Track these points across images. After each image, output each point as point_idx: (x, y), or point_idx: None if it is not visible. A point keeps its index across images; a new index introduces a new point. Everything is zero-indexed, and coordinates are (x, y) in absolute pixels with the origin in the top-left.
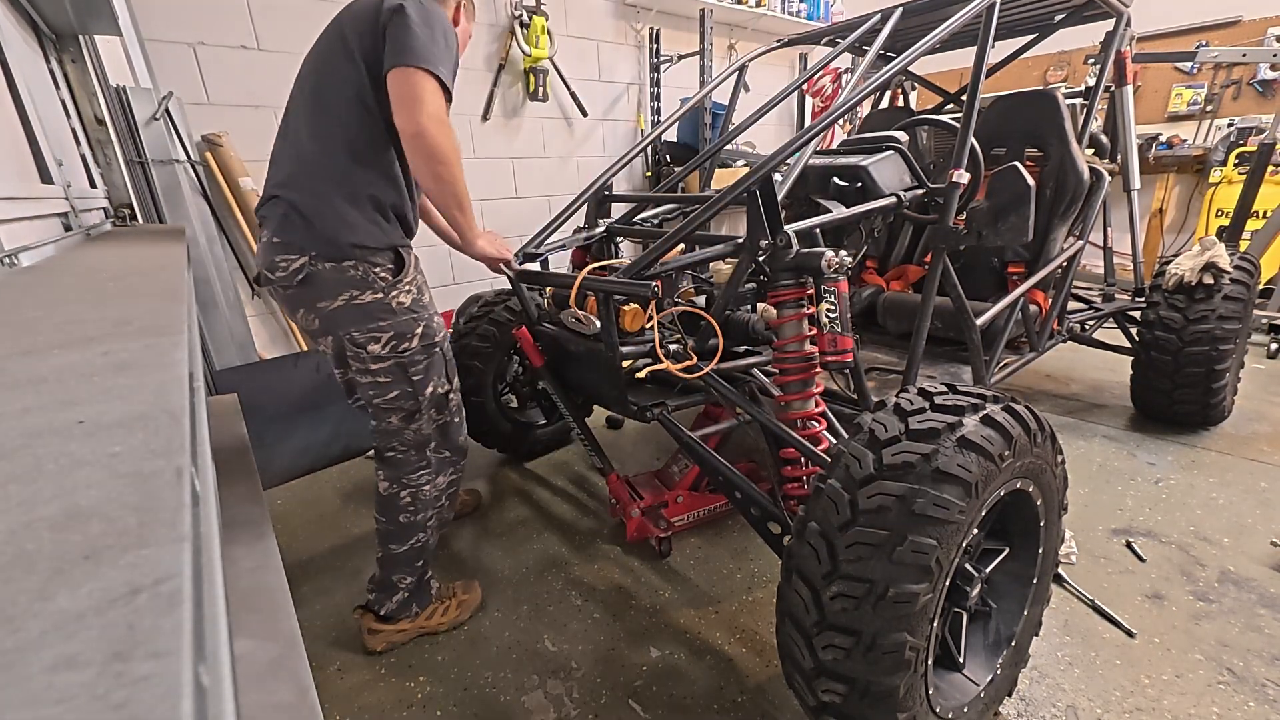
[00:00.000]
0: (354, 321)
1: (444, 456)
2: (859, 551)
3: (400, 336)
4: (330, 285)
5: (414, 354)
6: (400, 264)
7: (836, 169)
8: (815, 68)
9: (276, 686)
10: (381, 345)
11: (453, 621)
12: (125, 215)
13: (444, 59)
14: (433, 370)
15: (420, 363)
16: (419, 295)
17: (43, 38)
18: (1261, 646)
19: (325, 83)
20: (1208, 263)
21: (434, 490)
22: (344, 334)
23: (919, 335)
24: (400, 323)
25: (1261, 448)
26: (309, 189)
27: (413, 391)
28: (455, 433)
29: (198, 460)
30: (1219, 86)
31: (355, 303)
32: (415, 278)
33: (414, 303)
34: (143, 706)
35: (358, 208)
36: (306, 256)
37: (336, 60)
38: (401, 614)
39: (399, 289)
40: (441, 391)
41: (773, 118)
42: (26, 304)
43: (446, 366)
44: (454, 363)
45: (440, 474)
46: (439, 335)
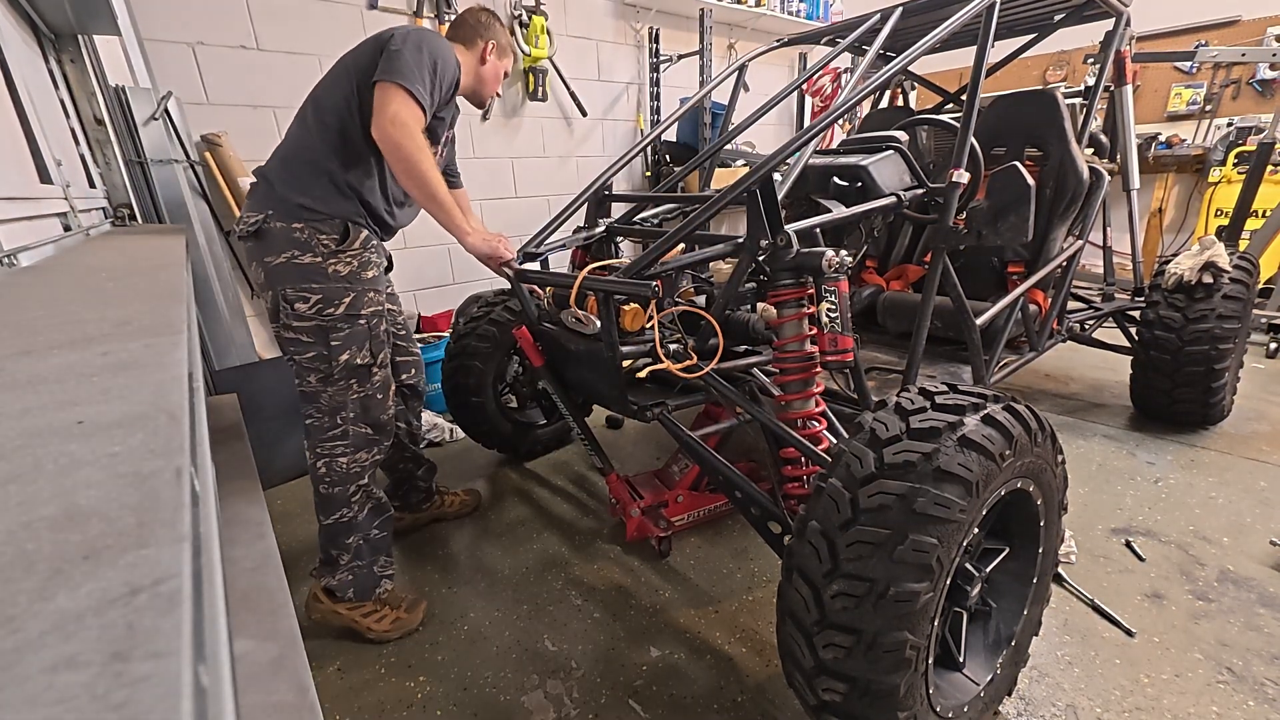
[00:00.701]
0: (289, 279)
1: (363, 432)
2: (860, 550)
3: (327, 301)
4: (277, 242)
5: (336, 320)
6: (345, 236)
7: (836, 169)
8: (815, 67)
9: (276, 686)
10: (309, 305)
11: (380, 635)
12: (124, 215)
13: (422, 79)
14: (353, 340)
15: (342, 330)
16: (360, 270)
17: (42, 38)
18: (1261, 646)
19: (324, 94)
20: (1207, 262)
21: (352, 464)
22: (279, 289)
23: (919, 335)
24: (331, 289)
25: (1261, 447)
26: (280, 162)
27: (328, 355)
28: (376, 409)
29: (197, 460)
30: (1218, 86)
31: (294, 261)
32: (362, 255)
33: (350, 274)
34: (142, 706)
35: (314, 177)
36: (264, 214)
37: (338, 78)
38: (341, 594)
39: (339, 258)
40: (360, 363)
41: (772, 117)
42: (26, 304)
43: (370, 342)
44: (383, 342)
45: (360, 449)
46: (367, 310)
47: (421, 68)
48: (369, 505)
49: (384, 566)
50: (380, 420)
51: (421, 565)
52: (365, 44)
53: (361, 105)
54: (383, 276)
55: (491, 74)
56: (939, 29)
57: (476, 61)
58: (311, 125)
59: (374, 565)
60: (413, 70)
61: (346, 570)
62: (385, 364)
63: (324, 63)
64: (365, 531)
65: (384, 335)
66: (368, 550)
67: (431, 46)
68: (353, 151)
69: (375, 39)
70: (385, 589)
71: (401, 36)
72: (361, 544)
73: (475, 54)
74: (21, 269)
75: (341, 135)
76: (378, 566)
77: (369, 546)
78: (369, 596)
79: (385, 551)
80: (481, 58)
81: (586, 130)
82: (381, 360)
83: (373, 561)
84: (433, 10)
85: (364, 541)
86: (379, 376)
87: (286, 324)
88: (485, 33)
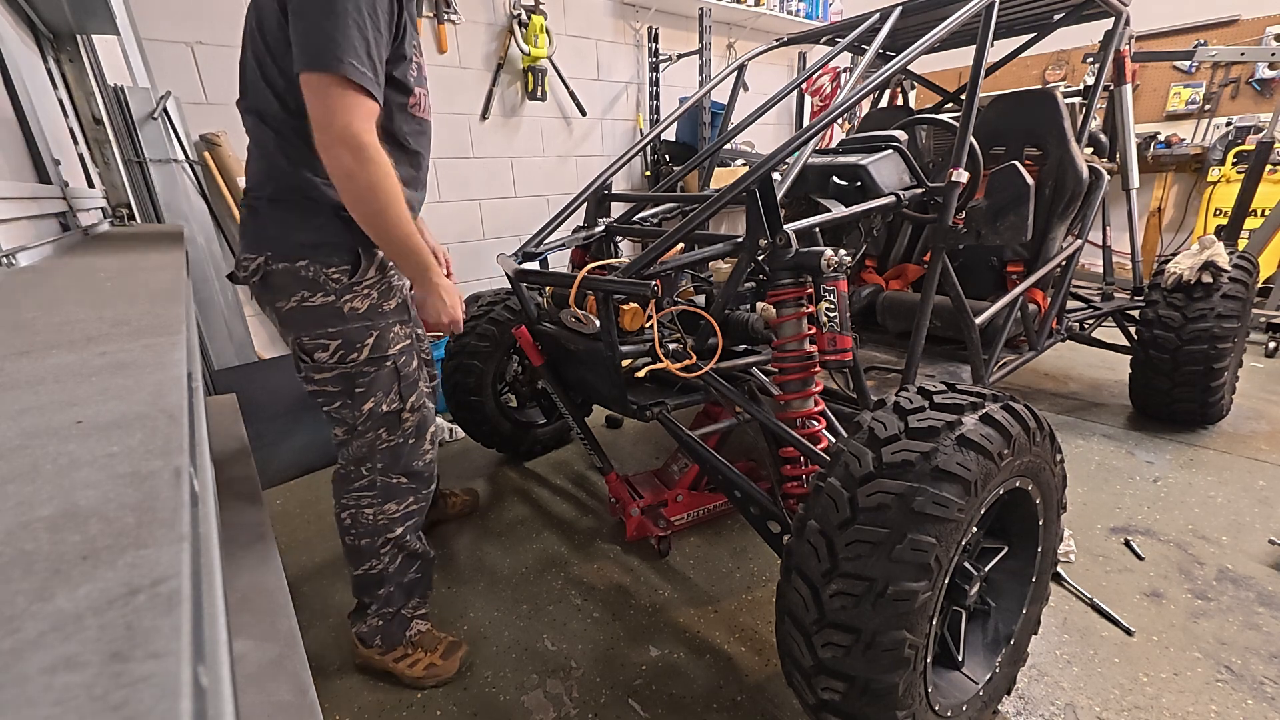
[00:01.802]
0: (303, 325)
1: (393, 483)
2: (858, 549)
3: (349, 345)
4: (283, 285)
5: (361, 365)
6: (358, 264)
7: (836, 168)
8: (814, 67)
9: (276, 686)
10: (329, 354)
11: (414, 680)
12: (123, 215)
13: (352, 43)
14: (378, 386)
15: (367, 375)
16: (381, 301)
17: (40, 37)
18: (1260, 644)
19: (257, 98)
20: (1206, 261)
21: (379, 516)
22: (295, 338)
23: (918, 334)
24: (350, 330)
25: (1260, 446)
26: (260, 188)
27: (352, 404)
28: (409, 457)
29: (196, 460)
30: (1217, 85)
31: (306, 305)
32: (382, 283)
33: (370, 309)
34: (142, 707)
35: (303, 204)
36: (262, 255)
37: (256, 73)
38: (369, 642)
39: (354, 292)
40: (388, 410)
41: (772, 117)
42: (24, 304)
43: (400, 384)
44: (415, 382)
45: (389, 501)
46: (394, 348)
47: (343, 20)
48: (401, 556)
49: (416, 607)
50: (415, 469)
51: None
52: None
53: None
54: (408, 302)
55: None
56: (938, 28)
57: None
58: (269, 141)
59: (403, 609)
60: (336, 34)
61: (375, 617)
62: (419, 406)
63: None
64: (399, 579)
65: (416, 373)
66: (400, 595)
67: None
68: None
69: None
70: (417, 630)
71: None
72: (393, 591)
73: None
74: (20, 269)
75: (307, 143)
76: (407, 609)
77: (402, 591)
78: (398, 642)
79: (420, 593)
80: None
81: (586, 130)
82: (413, 404)
83: (403, 605)
84: (431, 9)
85: (396, 588)
86: (411, 421)
87: (309, 376)
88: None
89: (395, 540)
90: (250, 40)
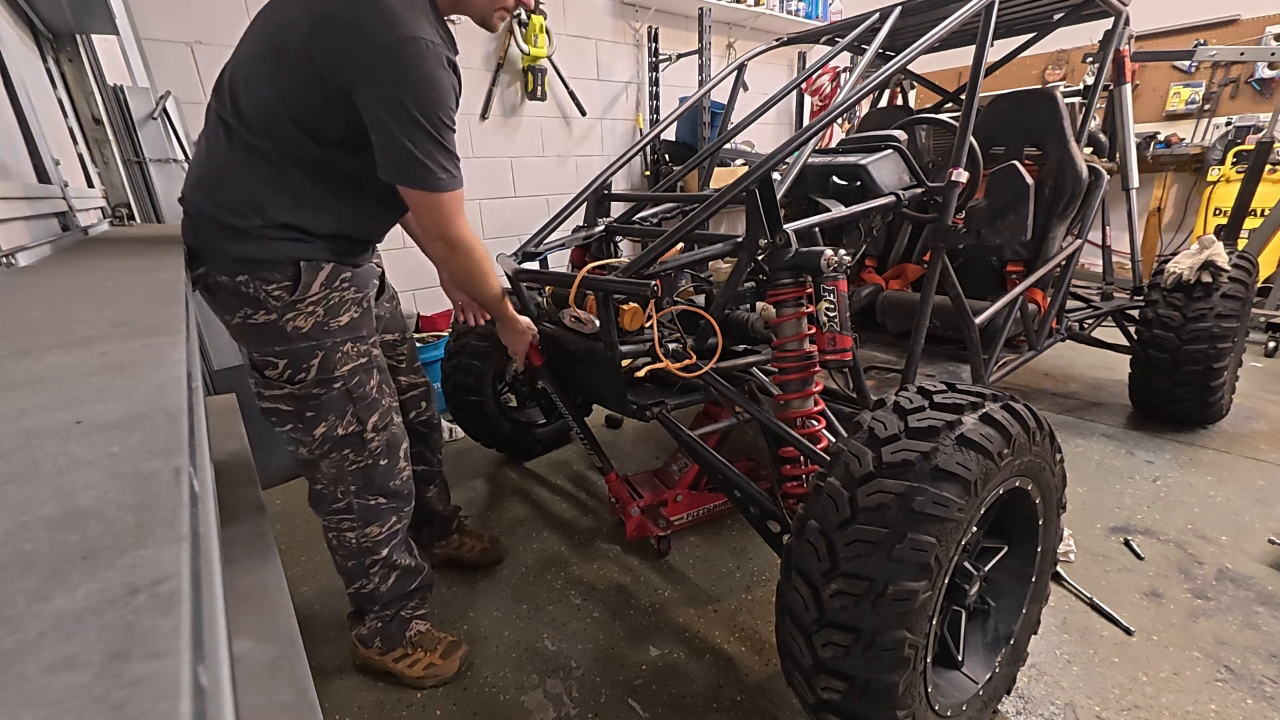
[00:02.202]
0: (250, 342)
1: (370, 504)
2: (858, 549)
3: (295, 365)
4: (226, 299)
5: (310, 386)
6: (298, 280)
7: (835, 168)
8: (814, 66)
9: (276, 686)
10: (278, 372)
11: (414, 681)
12: (123, 215)
13: (442, 159)
14: (328, 409)
15: (318, 397)
16: (328, 319)
17: (39, 37)
18: (1259, 644)
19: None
20: (1206, 261)
21: (362, 540)
22: (247, 353)
23: (918, 334)
24: (295, 350)
25: (1259, 446)
26: (203, 196)
27: (305, 427)
28: (383, 477)
29: (196, 460)
30: (1217, 85)
31: (250, 322)
32: (328, 298)
33: (315, 328)
34: (141, 707)
35: (245, 214)
36: (205, 268)
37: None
38: (369, 643)
39: (297, 310)
40: (345, 433)
41: (771, 117)
42: (24, 304)
43: (354, 405)
44: (376, 400)
45: (370, 524)
46: (344, 368)
47: (431, 139)
48: (394, 575)
49: (415, 609)
50: (391, 488)
51: None
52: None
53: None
54: (368, 313)
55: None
56: (938, 28)
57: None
58: (237, 148)
59: (402, 611)
60: (428, 155)
61: (375, 619)
62: (384, 425)
63: None
64: (395, 594)
65: (376, 390)
66: (397, 603)
67: (418, 92)
68: (303, 183)
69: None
70: (417, 631)
71: (377, 84)
72: (389, 600)
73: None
74: (19, 269)
75: (285, 160)
76: (406, 611)
77: (399, 599)
78: (398, 643)
79: (419, 597)
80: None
81: (585, 129)
82: (375, 424)
83: (401, 608)
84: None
85: (393, 598)
86: (377, 441)
87: (260, 393)
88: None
89: (383, 561)
90: (269, 63)
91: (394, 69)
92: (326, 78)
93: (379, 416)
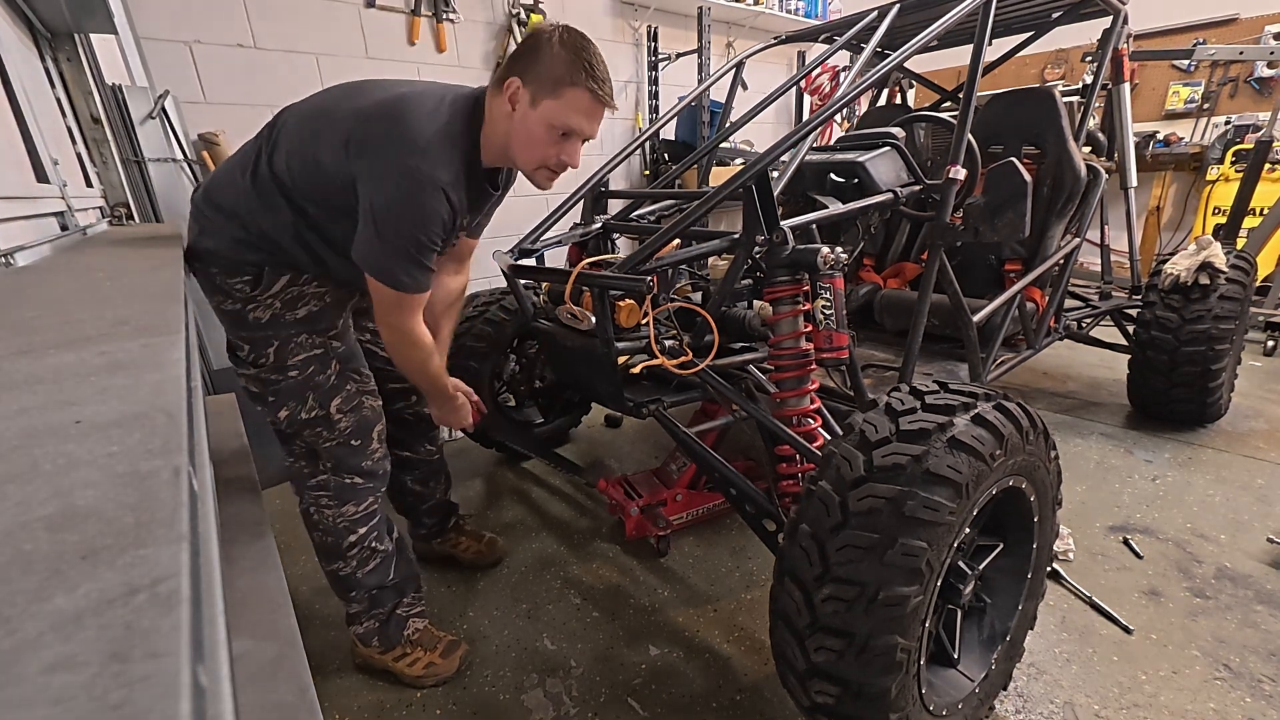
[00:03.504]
0: (225, 325)
1: (345, 483)
2: (850, 554)
3: (256, 351)
4: (206, 288)
5: (269, 373)
6: (258, 281)
7: (833, 165)
8: (812, 64)
9: (276, 685)
10: (245, 354)
11: (414, 679)
12: (122, 215)
13: (408, 266)
14: (286, 395)
15: (276, 383)
16: (285, 311)
17: (38, 36)
18: (1258, 642)
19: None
20: (1204, 262)
21: (338, 519)
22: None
23: (915, 332)
24: (255, 338)
25: (1258, 445)
26: (203, 194)
27: (269, 409)
28: (356, 457)
29: (195, 460)
30: (1216, 84)
31: (223, 308)
32: (284, 291)
33: (272, 319)
34: (141, 707)
35: (224, 222)
36: (197, 260)
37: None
38: (367, 642)
39: (257, 302)
40: (309, 417)
41: (770, 116)
42: (23, 304)
43: (314, 394)
44: (333, 387)
45: (346, 503)
46: (296, 358)
47: (389, 242)
48: (374, 562)
49: (409, 605)
50: (364, 468)
51: (419, 563)
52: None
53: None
54: (332, 308)
55: (522, 133)
56: (936, 26)
57: (502, 110)
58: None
59: (397, 609)
60: (383, 258)
61: (370, 618)
62: (353, 408)
63: (321, 61)
64: (375, 584)
65: (337, 378)
66: (390, 594)
67: (400, 196)
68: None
69: (348, 141)
70: (415, 629)
71: (375, 193)
72: (375, 593)
73: (502, 99)
74: (18, 269)
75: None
76: (401, 608)
77: (386, 592)
78: (397, 641)
79: (407, 592)
80: (509, 102)
81: None
82: (340, 406)
83: (395, 605)
84: (430, 9)
85: (376, 591)
86: (346, 422)
87: (235, 371)
88: (518, 65)
89: (359, 543)
90: (302, 145)
91: (390, 187)
92: (347, 165)
93: (343, 400)
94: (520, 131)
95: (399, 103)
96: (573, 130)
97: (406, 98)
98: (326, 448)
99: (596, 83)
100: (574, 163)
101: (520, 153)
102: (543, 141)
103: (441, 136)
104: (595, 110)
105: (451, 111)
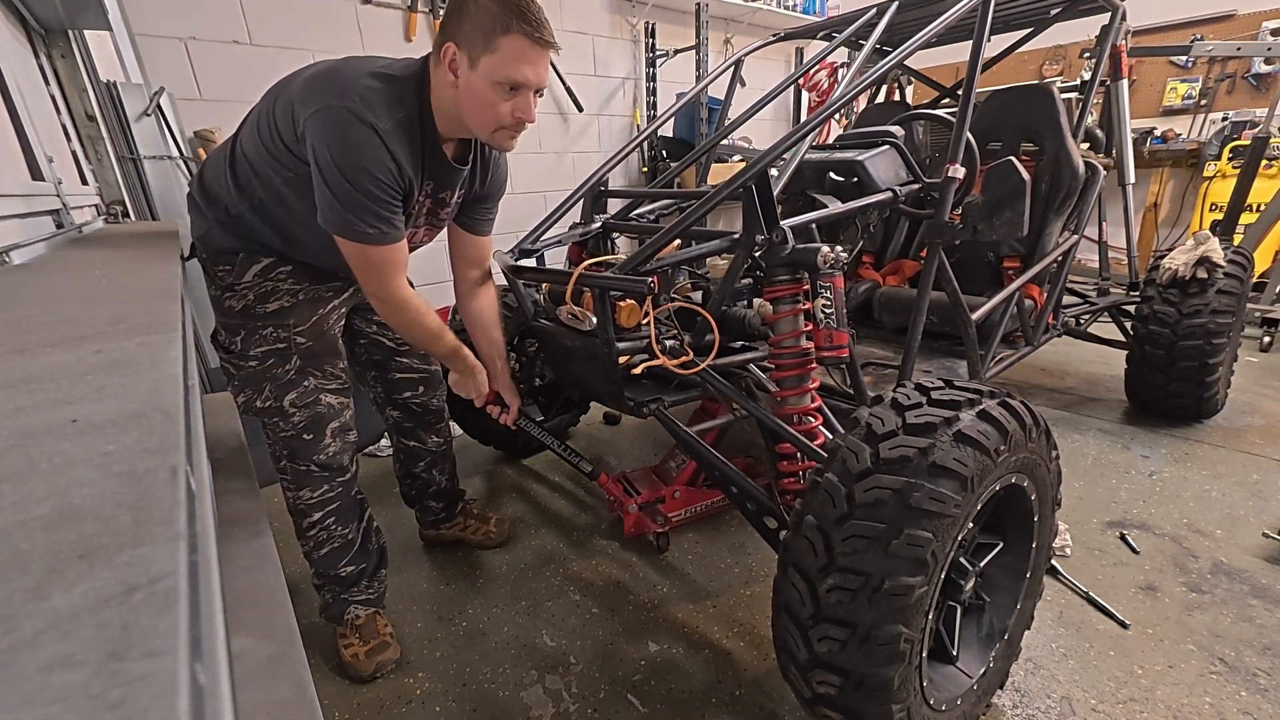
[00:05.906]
0: (213, 310)
1: (302, 469)
2: (855, 545)
3: (229, 337)
4: (205, 273)
5: (234, 359)
6: (235, 268)
7: (832, 164)
8: (811, 62)
9: (275, 684)
10: (223, 338)
11: (342, 662)
12: (117, 212)
13: (355, 213)
14: (246, 383)
15: (239, 370)
16: (257, 304)
17: (31, 33)
18: (1253, 637)
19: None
20: (1201, 257)
21: (297, 501)
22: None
23: (915, 330)
24: (228, 324)
25: (1254, 440)
26: (196, 184)
27: (234, 392)
28: (308, 450)
29: (193, 458)
30: (1213, 80)
31: (210, 293)
32: (259, 284)
33: (243, 310)
34: (139, 706)
35: (209, 203)
36: (196, 246)
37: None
38: (321, 612)
39: (234, 292)
40: (264, 406)
41: (769, 113)
42: (18, 302)
43: (271, 384)
44: (290, 382)
45: (304, 488)
46: (258, 349)
47: (342, 197)
48: (331, 546)
49: (355, 594)
50: (318, 461)
51: (418, 561)
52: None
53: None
54: (304, 305)
55: (469, 98)
56: (935, 23)
57: (445, 80)
58: (235, 157)
59: (342, 593)
60: (351, 211)
61: (326, 591)
62: (307, 404)
63: (318, 58)
64: (330, 569)
65: (296, 373)
66: (338, 579)
67: (339, 149)
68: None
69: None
70: (356, 615)
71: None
72: (328, 574)
73: (443, 68)
74: (13, 267)
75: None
76: (347, 594)
77: (336, 581)
78: (338, 621)
79: (356, 584)
80: (450, 70)
81: (582, 126)
82: (294, 401)
83: (341, 590)
84: (426, 5)
85: (330, 572)
86: (299, 416)
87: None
88: (449, 28)
89: (316, 525)
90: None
91: (328, 133)
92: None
93: (298, 395)
94: (467, 97)
95: (340, 63)
96: (518, 82)
97: (349, 60)
98: (282, 437)
99: (531, 25)
100: (529, 117)
101: (473, 118)
102: (491, 101)
103: (378, 89)
104: (536, 55)
105: (392, 73)
